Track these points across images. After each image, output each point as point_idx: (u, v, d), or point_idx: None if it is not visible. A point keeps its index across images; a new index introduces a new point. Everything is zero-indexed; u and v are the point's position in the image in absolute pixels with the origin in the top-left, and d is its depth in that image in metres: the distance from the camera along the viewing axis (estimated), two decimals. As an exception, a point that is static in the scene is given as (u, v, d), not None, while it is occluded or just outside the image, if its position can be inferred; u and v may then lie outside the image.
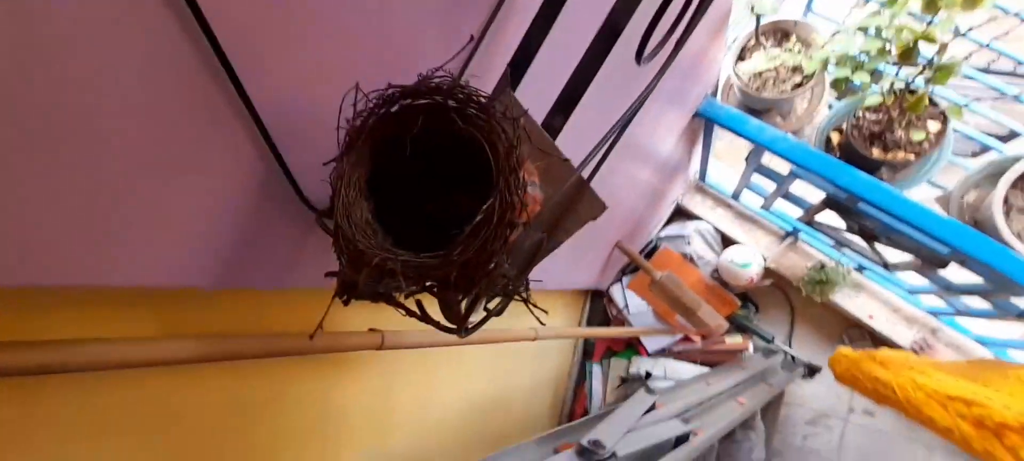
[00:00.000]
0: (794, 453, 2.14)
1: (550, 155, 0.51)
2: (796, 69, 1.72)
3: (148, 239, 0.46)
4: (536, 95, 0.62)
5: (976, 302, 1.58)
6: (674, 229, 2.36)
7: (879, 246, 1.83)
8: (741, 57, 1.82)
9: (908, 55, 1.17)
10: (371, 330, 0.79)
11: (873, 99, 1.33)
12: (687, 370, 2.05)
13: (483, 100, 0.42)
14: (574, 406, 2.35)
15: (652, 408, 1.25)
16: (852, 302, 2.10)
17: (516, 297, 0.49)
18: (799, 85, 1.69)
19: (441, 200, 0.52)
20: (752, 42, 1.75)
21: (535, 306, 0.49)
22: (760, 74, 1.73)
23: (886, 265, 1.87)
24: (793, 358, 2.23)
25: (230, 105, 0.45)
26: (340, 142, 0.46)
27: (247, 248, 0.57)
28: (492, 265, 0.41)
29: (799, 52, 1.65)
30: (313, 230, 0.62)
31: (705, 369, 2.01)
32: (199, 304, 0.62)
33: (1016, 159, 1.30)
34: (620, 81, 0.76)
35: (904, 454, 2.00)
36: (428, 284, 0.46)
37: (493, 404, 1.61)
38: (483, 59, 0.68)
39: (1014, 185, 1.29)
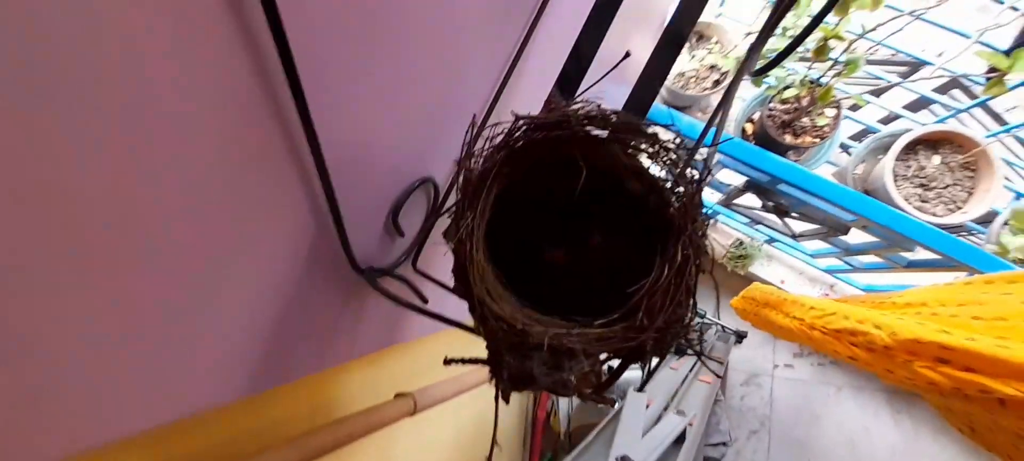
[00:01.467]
0: (735, 414, 2.36)
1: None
2: (713, 67, 1.87)
3: (184, 365, 0.32)
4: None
5: (869, 259, 1.87)
6: (610, 224, 2.45)
7: (789, 220, 2.09)
8: (663, 58, 1.94)
9: (822, 52, 1.32)
10: (398, 395, 0.68)
11: (790, 92, 1.50)
12: (643, 358, 2.15)
13: (646, 128, 0.36)
14: (536, 409, 2.34)
15: (647, 406, 1.26)
16: (766, 270, 2.38)
17: (692, 352, 0.42)
18: (717, 82, 1.84)
19: (571, 245, 0.44)
20: (674, 44, 1.87)
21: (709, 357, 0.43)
22: (684, 73, 1.86)
23: (794, 235, 2.14)
24: (724, 327, 2.45)
25: (291, 154, 0.33)
26: (458, 187, 0.37)
27: (286, 334, 0.43)
28: (686, 321, 0.36)
29: (717, 51, 1.80)
30: (355, 293, 0.50)
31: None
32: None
33: (897, 135, 1.55)
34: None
35: (819, 396, 2.32)
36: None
37: (479, 417, 1.53)
38: (523, 68, 0.61)
39: (898, 157, 1.54)
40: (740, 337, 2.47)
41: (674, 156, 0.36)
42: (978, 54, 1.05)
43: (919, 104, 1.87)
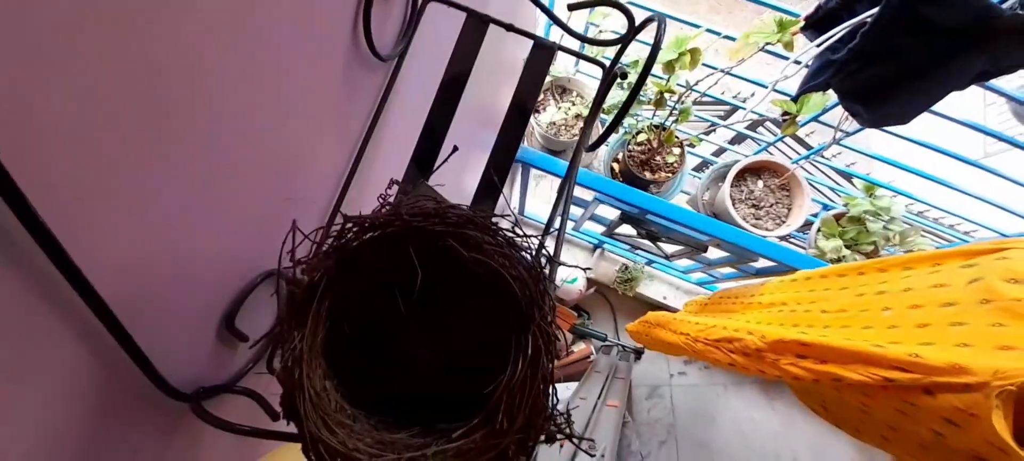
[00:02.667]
0: (645, 427, 2.51)
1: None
2: (578, 116, 2.07)
3: None
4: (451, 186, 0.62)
5: (727, 270, 2.15)
6: (508, 267, 2.53)
7: (661, 244, 2.34)
8: (535, 110, 2.11)
9: (660, 103, 1.54)
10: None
11: (643, 135, 1.71)
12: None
13: (480, 219, 0.39)
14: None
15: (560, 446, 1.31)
16: (651, 289, 2.62)
17: (562, 435, 0.43)
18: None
19: (430, 332, 0.45)
20: (542, 97, 2.05)
21: (577, 438, 0.44)
22: (555, 123, 2.03)
23: (667, 257, 2.40)
24: (624, 347, 2.63)
25: (45, 299, 0.31)
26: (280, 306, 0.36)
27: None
28: (549, 411, 0.38)
29: (579, 103, 2.01)
30: (180, 423, 0.48)
31: (570, 384, 2.19)
32: None
33: (728, 166, 1.84)
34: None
35: (711, 396, 2.57)
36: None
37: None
38: (373, 154, 0.64)
39: (732, 184, 1.83)
40: (639, 354, 2.66)
41: (515, 250, 0.39)
42: (773, 102, 1.30)
43: (740, 138, 2.25)
